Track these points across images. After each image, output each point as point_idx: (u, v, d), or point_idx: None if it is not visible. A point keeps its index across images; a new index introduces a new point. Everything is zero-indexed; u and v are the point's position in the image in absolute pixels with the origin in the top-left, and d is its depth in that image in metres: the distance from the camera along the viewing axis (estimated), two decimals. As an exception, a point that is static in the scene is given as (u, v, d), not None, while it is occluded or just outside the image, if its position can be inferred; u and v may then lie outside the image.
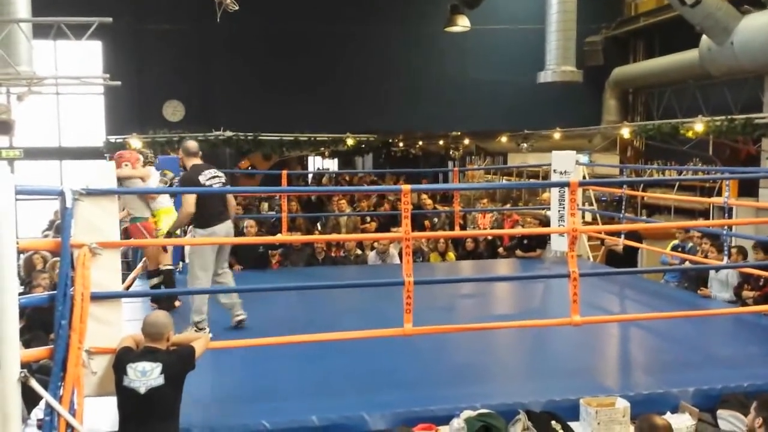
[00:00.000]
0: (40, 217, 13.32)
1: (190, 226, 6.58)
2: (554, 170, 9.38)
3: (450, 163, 24.67)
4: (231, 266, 9.02)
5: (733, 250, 7.16)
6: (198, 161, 6.15)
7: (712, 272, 7.46)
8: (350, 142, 14.97)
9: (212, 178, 6.03)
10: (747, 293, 6.91)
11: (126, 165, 6.70)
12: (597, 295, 7.20)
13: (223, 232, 5.90)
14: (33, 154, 15.76)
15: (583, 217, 11.60)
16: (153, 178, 7.11)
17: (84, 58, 15.21)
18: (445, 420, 4.06)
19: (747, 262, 7.28)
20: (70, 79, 11.64)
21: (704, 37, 11.96)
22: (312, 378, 4.91)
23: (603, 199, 14.90)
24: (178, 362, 3.85)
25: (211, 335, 5.47)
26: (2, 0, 9.57)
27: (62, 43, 14.27)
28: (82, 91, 15.81)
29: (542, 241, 9.88)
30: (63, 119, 16.61)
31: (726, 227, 7.24)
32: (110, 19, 9.33)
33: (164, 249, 7.22)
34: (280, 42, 15.63)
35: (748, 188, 11.56)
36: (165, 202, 6.96)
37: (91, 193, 3.92)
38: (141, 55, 15.62)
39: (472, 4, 14.84)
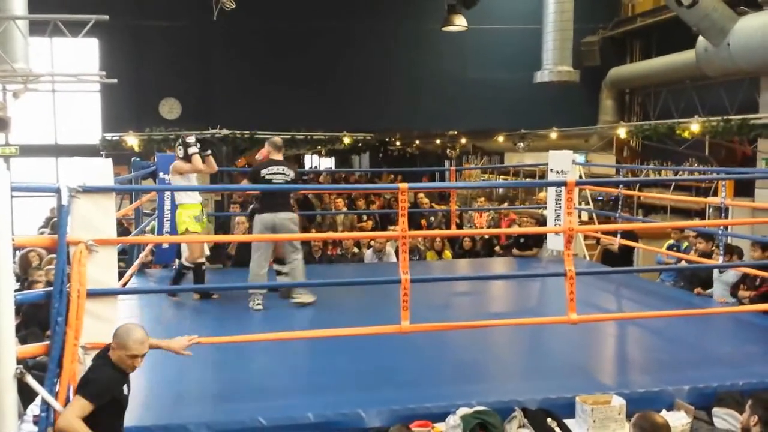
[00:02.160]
0: (37, 215, 13.31)
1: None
2: (551, 170, 9.39)
3: (447, 162, 24.68)
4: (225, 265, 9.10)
5: (729, 255, 7.16)
6: (279, 157, 6.75)
7: (715, 274, 7.45)
8: (347, 140, 14.98)
9: (275, 174, 6.59)
10: (743, 293, 6.92)
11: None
12: (593, 294, 7.22)
13: (267, 222, 6.47)
14: (29, 151, 15.71)
15: (580, 217, 11.62)
16: None
17: (80, 55, 15.20)
18: (441, 417, 4.07)
19: (743, 261, 7.31)
20: (67, 77, 11.64)
21: (701, 38, 11.99)
22: (308, 375, 4.91)
23: (599, 198, 14.93)
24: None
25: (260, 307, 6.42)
26: (-2, -3, 9.56)
27: (59, 41, 14.27)
28: (79, 88, 15.77)
29: (539, 240, 9.90)
30: (59, 116, 16.57)
31: (722, 227, 7.25)
32: (107, 17, 9.31)
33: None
34: (277, 40, 15.61)
35: (744, 189, 11.59)
36: (185, 198, 7.00)
37: (87, 190, 3.92)
38: (137, 53, 15.59)
39: (469, 3, 14.84)
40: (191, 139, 6.96)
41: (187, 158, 6.91)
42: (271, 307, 6.74)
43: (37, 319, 5.71)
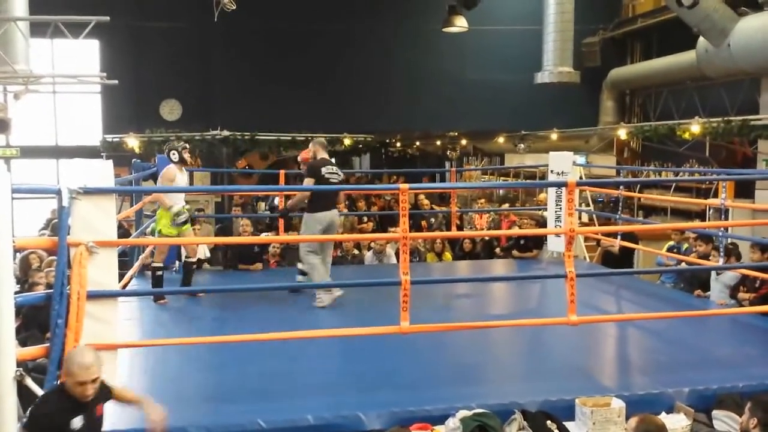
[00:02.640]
0: (37, 216, 13.30)
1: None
2: (551, 171, 9.39)
3: (447, 164, 24.65)
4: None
5: (728, 256, 7.15)
6: (326, 155, 7.03)
7: (713, 275, 7.44)
8: (347, 142, 14.96)
9: (331, 173, 6.85)
10: (743, 295, 6.91)
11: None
12: (593, 296, 7.21)
13: (327, 219, 6.63)
14: (30, 152, 15.71)
15: (580, 218, 11.62)
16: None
17: (81, 56, 15.20)
18: (441, 419, 4.07)
19: (742, 263, 7.30)
20: (67, 78, 11.63)
21: (701, 38, 11.99)
22: (308, 377, 4.91)
23: (599, 200, 14.92)
24: None
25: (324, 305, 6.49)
26: (-1, -2, 9.57)
27: (59, 42, 14.27)
28: (79, 89, 15.77)
29: (539, 241, 9.90)
30: (60, 118, 16.57)
31: (722, 229, 7.25)
32: (107, 18, 9.32)
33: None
34: (277, 41, 15.62)
35: (745, 190, 11.58)
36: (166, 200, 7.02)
37: (88, 191, 3.92)
38: (138, 54, 15.59)
39: (470, 4, 14.86)
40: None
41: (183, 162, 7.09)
42: (268, 308, 6.74)
43: (38, 321, 5.71)
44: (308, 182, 6.76)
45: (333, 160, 7.25)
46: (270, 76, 15.46)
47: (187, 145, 7.27)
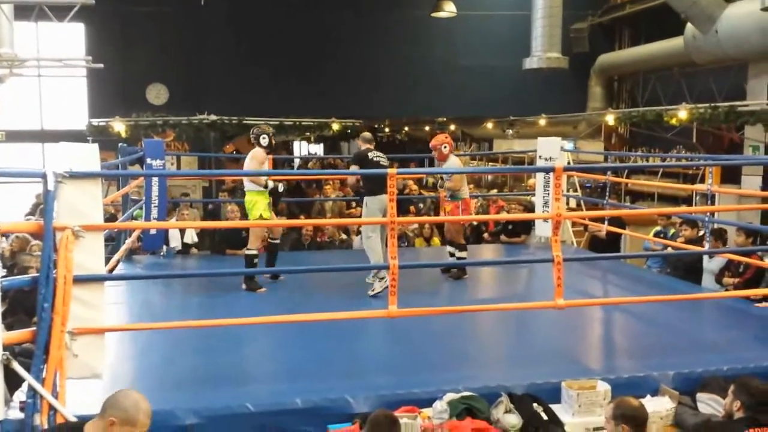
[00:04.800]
0: (23, 201, 13.21)
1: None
2: (539, 156, 9.40)
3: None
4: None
5: (713, 239, 7.19)
6: (371, 147, 7.21)
7: (705, 263, 7.48)
8: (336, 127, 14.94)
9: (378, 157, 7.11)
10: (728, 280, 6.96)
11: (445, 147, 7.44)
12: (580, 280, 7.25)
13: (385, 201, 6.28)
14: (15, 136, 15.60)
15: (568, 203, 11.65)
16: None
17: (66, 40, 15.05)
18: (429, 402, 4.08)
19: (728, 248, 7.35)
20: (52, 61, 11.54)
21: (689, 24, 12.03)
22: (296, 360, 4.92)
23: (587, 185, 14.98)
24: None
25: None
26: (-18, -20, 9.46)
27: (44, 25, 14.12)
28: (65, 73, 15.64)
29: (527, 226, 9.93)
30: (45, 102, 16.43)
31: (708, 214, 7.29)
32: (93, 1, 9.25)
33: None
34: (265, 26, 15.52)
35: (731, 175, 11.66)
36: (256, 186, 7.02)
37: (74, 175, 3.89)
38: (124, 38, 15.46)
39: (459, -11, 14.83)
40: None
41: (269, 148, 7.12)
42: (257, 293, 6.75)
43: (24, 305, 5.68)
44: (354, 168, 7.15)
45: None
46: (258, 61, 15.39)
47: (273, 132, 7.31)
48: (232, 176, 12.54)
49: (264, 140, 7.04)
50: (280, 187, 7.13)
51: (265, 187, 6.94)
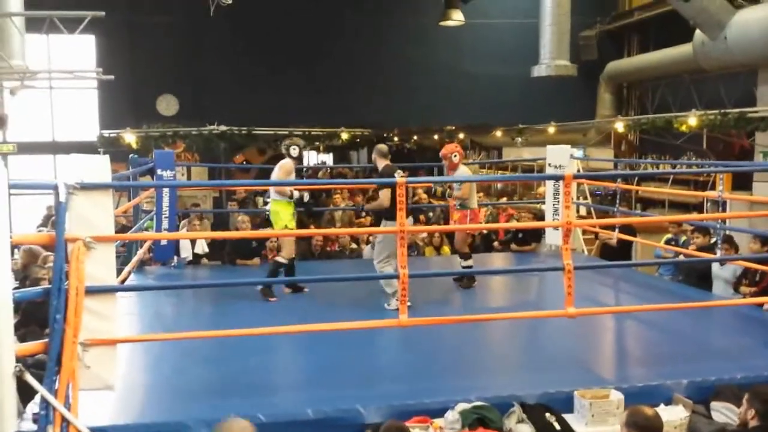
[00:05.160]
0: (35, 212, 13.29)
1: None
2: (549, 164, 9.38)
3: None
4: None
5: (725, 245, 7.14)
6: (388, 162, 7.00)
7: (715, 270, 7.44)
8: (345, 136, 14.97)
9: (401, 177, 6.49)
10: (745, 289, 6.89)
11: (455, 156, 7.41)
12: (591, 288, 7.22)
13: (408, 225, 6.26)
14: (27, 148, 15.67)
15: (578, 211, 11.62)
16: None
17: (77, 52, 15.16)
18: (440, 412, 4.07)
19: (740, 255, 7.30)
20: (63, 73, 11.61)
21: (698, 31, 11.99)
22: (307, 371, 4.91)
23: (597, 193, 14.93)
24: None
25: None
26: (-6, -6, 9.55)
27: (55, 37, 14.21)
28: (76, 85, 15.72)
29: (537, 234, 9.90)
30: (56, 113, 16.53)
31: (720, 220, 7.24)
32: (103, 13, 9.31)
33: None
34: (274, 36, 15.58)
35: (742, 182, 11.60)
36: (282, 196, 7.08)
37: (85, 186, 3.91)
38: (134, 49, 15.54)
39: (467, -2, 14.87)
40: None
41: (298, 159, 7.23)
42: (267, 303, 6.76)
43: (36, 316, 5.70)
44: (386, 192, 6.53)
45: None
46: (267, 71, 15.44)
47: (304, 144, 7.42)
48: (241, 186, 12.60)
49: (294, 151, 7.17)
50: (306, 197, 7.16)
51: (291, 197, 6.97)
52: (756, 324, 6.04)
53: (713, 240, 7.48)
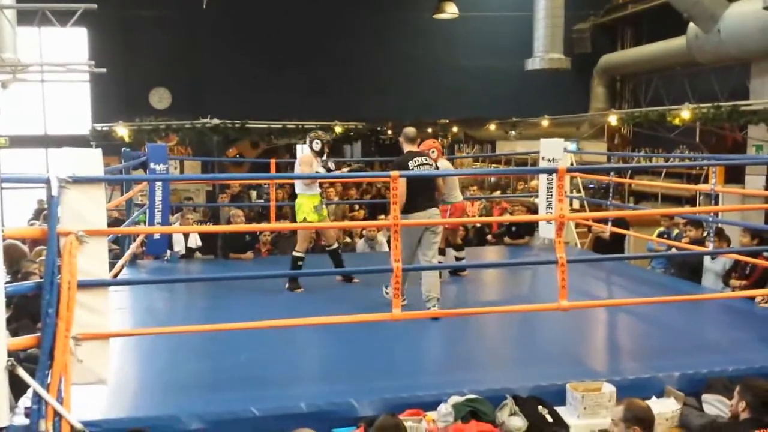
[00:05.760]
0: (27, 206, 13.25)
1: None
2: (542, 158, 9.39)
3: (438, 151, 24.64)
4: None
5: (716, 237, 7.17)
6: (413, 148, 6.39)
7: (707, 263, 7.46)
8: (338, 129, 14.94)
9: (420, 165, 6.14)
10: (735, 282, 6.92)
11: (433, 152, 7.02)
12: (584, 281, 7.24)
13: (424, 220, 6.01)
14: (18, 142, 15.62)
15: (571, 205, 11.64)
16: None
17: (69, 44, 15.09)
18: (433, 405, 4.08)
19: (732, 248, 7.33)
20: (55, 66, 11.56)
21: (691, 24, 12.01)
22: (300, 364, 4.92)
23: (591, 186, 14.97)
24: None
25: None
26: (-15, -14, 9.48)
27: (47, 30, 14.15)
28: (68, 78, 15.67)
29: (530, 228, 9.92)
30: (48, 107, 16.46)
31: (712, 214, 7.27)
32: (95, 6, 9.25)
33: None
34: (268, 30, 15.54)
35: (735, 175, 11.64)
36: (306, 189, 7.07)
37: (77, 180, 3.90)
38: (127, 42, 15.48)
39: (461, -10, 14.84)
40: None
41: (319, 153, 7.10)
42: (260, 296, 6.75)
43: (29, 311, 5.69)
44: (402, 184, 5.67)
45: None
46: (260, 64, 15.40)
47: (329, 140, 7.32)
48: (234, 180, 12.56)
49: (316, 145, 7.09)
50: (331, 165, 7.18)
51: (329, 170, 7.04)
52: (747, 317, 6.07)
53: (706, 233, 7.51)
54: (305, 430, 3.47)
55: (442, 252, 7.40)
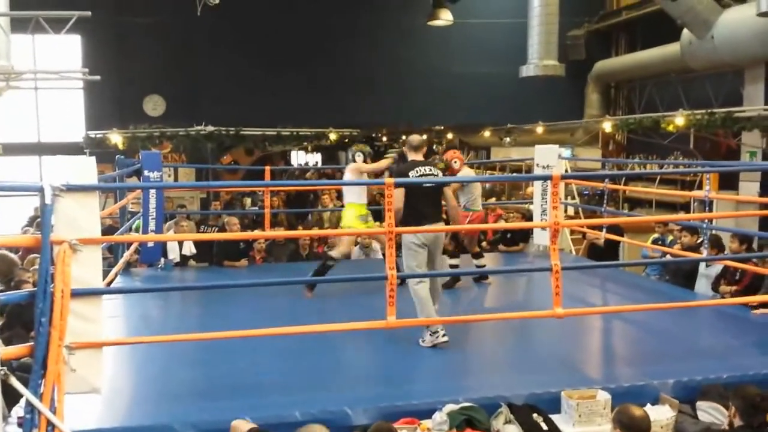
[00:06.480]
0: (20, 214, 13.19)
1: None
2: (537, 164, 9.40)
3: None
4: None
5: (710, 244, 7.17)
6: (418, 157, 5.95)
7: (702, 269, 7.47)
8: (333, 136, 14.92)
9: (423, 176, 5.74)
10: (724, 288, 6.92)
11: (455, 162, 7.22)
12: (579, 288, 7.24)
13: (427, 235, 5.64)
14: (12, 150, 15.56)
15: (566, 211, 11.64)
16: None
17: (63, 52, 15.07)
18: (428, 414, 4.07)
19: (725, 255, 7.33)
20: (49, 74, 11.52)
21: (685, 30, 12.07)
22: (295, 372, 4.90)
23: (585, 193, 14.99)
24: None
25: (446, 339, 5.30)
26: (-21, -6, 9.46)
27: (41, 37, 14.13)
28: (61, 85, 15.61)
29: (525, 235, 9.92)
30: (42, 114, 16.42)
31: (706, 220, 7.28)
32: (89, 13, 9.24)
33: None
34: (262, 36, 15.56)
35: (729, 181, 11.67)
36: (354, 198, 7.31)
37: (71, 188, 3.89)
38: (121, 49, 15.47)
39: (455, -2, 14.90)
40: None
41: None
42: (254, 305, 6.72)
43: (22, 319, 5.65)
44: (398, 194, 5.36)
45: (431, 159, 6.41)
46: (254, 71, 15.41)
47: (371, 152, 7.64)
48: (229, 188, 12.56)
49: (359, 157, 7.37)
50: (396, 157, 7.31)
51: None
52: (741, 324, 6.07)
53: (700, 239, 7.52)
54: (316, 426, 3.47)
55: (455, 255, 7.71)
